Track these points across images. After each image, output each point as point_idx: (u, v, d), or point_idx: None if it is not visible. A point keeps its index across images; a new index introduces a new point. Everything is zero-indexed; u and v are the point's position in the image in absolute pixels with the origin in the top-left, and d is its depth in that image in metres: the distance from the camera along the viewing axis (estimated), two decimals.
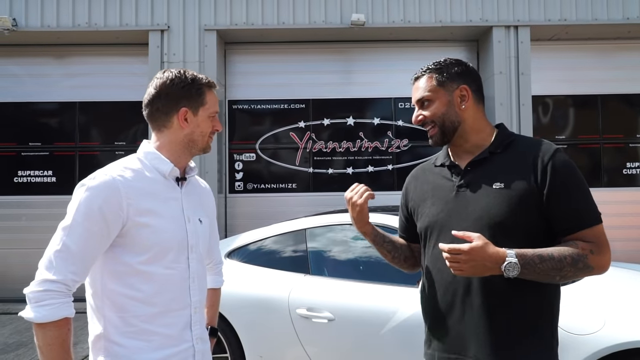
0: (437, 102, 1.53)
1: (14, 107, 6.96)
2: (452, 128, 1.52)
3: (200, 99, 1.50)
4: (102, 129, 7.00)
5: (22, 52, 6.95)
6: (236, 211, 6.92)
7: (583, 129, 7.09)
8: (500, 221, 1.39)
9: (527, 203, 1.38)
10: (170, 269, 1.43)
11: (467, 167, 1.51)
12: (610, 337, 2.36)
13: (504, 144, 1.50)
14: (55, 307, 1.28)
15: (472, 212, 1.44)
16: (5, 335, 5.14)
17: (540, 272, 1.32)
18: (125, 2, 6.53)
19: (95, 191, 1.36)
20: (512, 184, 1.41)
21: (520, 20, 6.58)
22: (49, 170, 6.91)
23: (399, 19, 6.55)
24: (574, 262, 1.33)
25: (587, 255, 1.34)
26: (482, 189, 1.45)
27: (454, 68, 1.54)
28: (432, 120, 1.53)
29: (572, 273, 1.34)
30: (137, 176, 1.43)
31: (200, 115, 1.50)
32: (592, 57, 7.09)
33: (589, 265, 1.34)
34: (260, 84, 7.01)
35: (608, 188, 6.99)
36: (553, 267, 1.32)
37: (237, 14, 6.56)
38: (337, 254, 3.28)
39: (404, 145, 6.97)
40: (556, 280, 1.35)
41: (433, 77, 1.54)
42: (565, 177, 1.40)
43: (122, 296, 1.38)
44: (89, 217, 1.34)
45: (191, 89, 1.49)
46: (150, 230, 1.39)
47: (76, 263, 1.32)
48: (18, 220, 6.80)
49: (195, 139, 1.51)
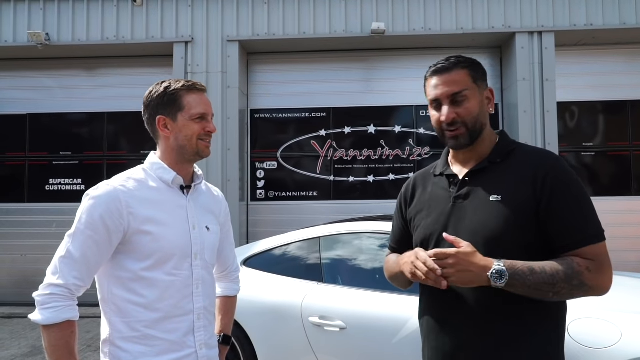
0: (473, 101, 1.39)
1: (46, 118, 7.25)
2: (479, 131, 1.41)
3: (177, 105, 1.52)
4: (129, 139, 7.22)
5: (54, 65, 7.24)
6: (258, 219, 7.00)
7: (612, 135, 6.89)
8: (496, 236, 1.31)
9: (525, 217, 1.30)
10: (172, 276, 1.46)
11: (465, 178, 1.43)
12: (627, 351, 2.29)
13: (504, 153, 1.42)
14: (59, 310, 1.34)
15: (468, 225, 1.36)
16: (34, 339, 5.32)
17: (532, 285, 1.24)
18: (152, 16, 6.74)
19: (97, 201, 1.43)
20: (510, 196, 1.33)
21: (545, 25, 6.47)
22: (78, 178, 7.15)
23: (420, 27, 6.54)
24: (568, 279, 1.24)
25: (583, 273, 1.25)
26: (479, 201, 1.37)
27: (482, 68, 1.45)
28: (464, 120, 1.39)
29: (567, 290, 1.25)
30: (139, 186, 1.49)
31: (180, 120, 1.52)
32: (621, 62, 6.90)
33: (585, 284, 1.25)
34: (281, 93, 7.10)
35: (638, 197, 6.75)
36: (545, 282, 1.23)
37: (259, 25, 6.68)
38: (351, 263, 3.28)
39: (425, 153, 6.92)
40: (550, 297, 1.27)
41: (468, 73, 1.41)
42: (565, 190, 1.31)
43: (126, 301, 1.43)
44: (91, 225, 1.40)
45: (164, 96, 1.53)
46: (151, 238, 1.44)
47: (79, 269, 1.38)
48: (49, 226, 7.05)
49: (182, 144, 1.53)
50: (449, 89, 1.39)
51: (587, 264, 1.26)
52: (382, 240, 3.23)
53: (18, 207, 7.14)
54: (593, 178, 6.85)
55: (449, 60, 1.43)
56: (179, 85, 1.54)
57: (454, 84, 1.39)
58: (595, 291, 1.28)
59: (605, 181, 6.82)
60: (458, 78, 1.39)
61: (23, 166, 7.21)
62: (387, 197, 6.89)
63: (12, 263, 7.06)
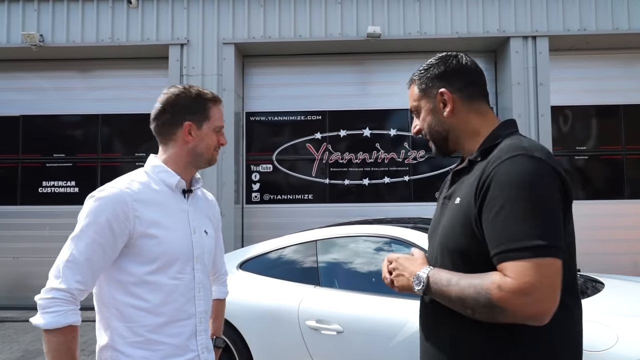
0: (423, 112, 1.39)
1: (40, 120, 7.20)
2: (440, 138, 1.37)
3: (205, 114, 1.54)
4: (123, 141, 7.18)
5: (48, 67, 7.20)
6: (253, 222, 6.98)
7: (605, 139, 6.95)
8: (451, 244, 1.23)
9: (465, 224, 1.18)
10: (176, 280, 1.46)
11: (454, 177, 1.35)
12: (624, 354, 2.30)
13: (484, 150, 1.26)
14: (61, 315, 1.32)
15: (440, 229, 1.31)
16: (26, 343, 5.26)
17: (448, 297, 1.14)
18: (147, 18, 6.72)
19: (103, 203, 1.40)
20: (464, 199, 1.21)
21: (539, 30, 6.52)
22: (72, 180, 7.11)
23: (415, 31, 6.57)
24: (476, 296, 1.08)
25: (491, 291, 1.05)
26: (450, 204, 1.30)
27: (435, 70, 1.36)
28: (425, 132, 1.40)
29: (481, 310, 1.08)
30: (144, 189, 1.47)
31: (205, 129, 1.54)
32: (614, 67, 6.97)
33: (496, 306, 1.05)
34: (277, 95, 7.10)
35: (631, 200, 6.81)
36: (456, 295, 1.12)
37: (255, 27, 6.68)
38: (347, 266, 3.27)
39: (420, 157, 6.95)
40: (468, 314, 1.11)
41: (416, 87, 1.40)
42: (495, 194, 1.11)
43: (129, 306, 1.41)
44: (96, 228, 1.38)
45: (195, 103, 1.53)
46: (156, 242, 1.43)
47: (82, 272, 1.36)
48: (42, 229, 6.99)
49: (200, 152, 1.54)
50: (410, 104, 1.44)
51: (501, 281, 1.05)
52: (378, 243, 3.24)
53: (10, 210, 7.07)
54: (586, 182, 6.90)
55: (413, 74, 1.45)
56: (209, 96, 1.57)
57: (410, 99, 1.43)
58: (517, 317, 1.05)
59: (598, 185, 6.88)
60: (411, 94, 1.43)
61: (16, 168, 7.15)
62: (382, 200, 6.91)
63: (4, 266, 6.99)
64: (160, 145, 1.58)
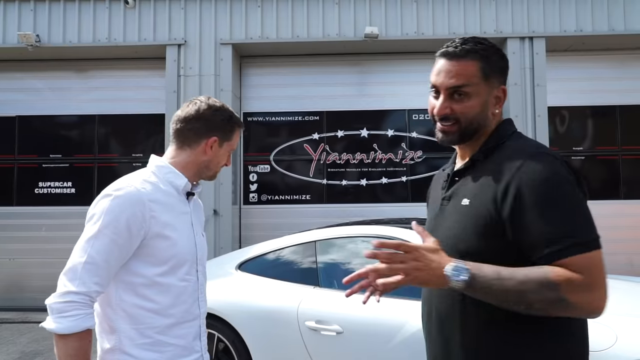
0: (475, 99, 1.22)
1: (36, 120, 7.17)
2: (471, 130, 1.24)
3: (230, 135, 1.59)
4: (120, 141, 7.15)
5: (44, 67, 7.16)
6: (250, 222, 6.97)
7: (601, 140, 6.99)
8: (461, 245, 1.18)
9: (486, 226, 1.13)
10: (184, 281, 1.47)
11: (455, 177, 1.30)
12: (623, 354, 2.31)
13: (489, 149, 1.24)
14: (80, 319, 1.29)
15: (442, 229, 1.27)
16: (23, 344, 5.24)
17: (497, 291, 1.05)
18: (144, 18, 6.70)
19: (122, 202, 1.37)
20: (478, 201, 1.17)
21: (536, 31, 6.55)
22: (68, 181, 7.08)
23: (413, 32, 6.58)
24: (539, 290, 1.03)
25: (560, 285, 1.02)
26: (454, 204, 1.25)
27: (500, 61, 1.25)
28: (457, 117, 1.23)
29: (542, 304, 1.04)
30: (156, 189, 1.46)
31: (224, 149, 1.59)
32: (611, 68, 7.00)
33: (564, 299, 1.03)
34: (274, 96, 7.09)
35: (627, 200, 6.85)
36: (512, 289, 1.04)
37: (253, 28, 6.67)
38: (347, 266, 3.27)
39: (418, 157, 6.96)
40: (521, 309, 1.07)
41: (478, 65, 1.22)
42: (536, 190, 1.09)
43: (138, 308, 1.40)
44: (115, 228, 1.35)
45: (227, 123, 1.58)
46: (170, 243, 1.43)
47: (100, 274, 1.33)
48: (38, 230, 6.96)
49: (211, 167, 1.58)
50: (450, 81, 1.22)
51: (569, 275, 1.03)
52: None
53: (6, 211, 7.02)
54: None
55: (463, 44, 1.23)
56: (238, 121, 1.63)
57: (457, 76, 1.21)
58: (582, 311, 1.06)
59: (594, 185, 6.90)
60: (465, 70, 1.21)
61: (12, 169, 7.11)
62: (379, 200, 6.91)
63: (0, 267, 6.94)
64: (172, 147, 1.56)
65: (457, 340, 1.21)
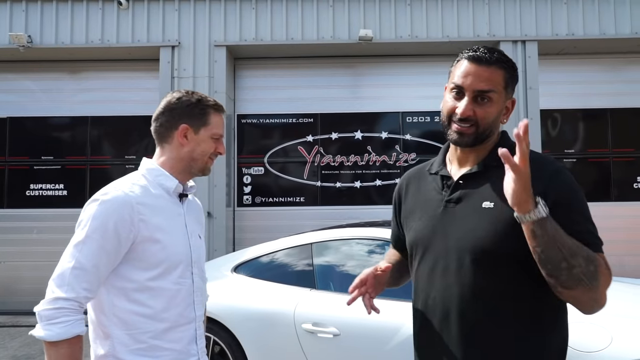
0: (495, 105, 1.28)
1: (27, 122, 7.10)
2: (486, 136, 1.31)
3: (204, 119, 1.52)
4: (113, 143, 7.11)
5: (36, 68, 7.10)
6: (244, 225, 6.95)
7: (592, 142, 7.06)
8: (485, 245, 1.23)
9: (517, 228, 1.17)
10: (178, 285, 1.45)
11: (459, 181, 1.34)
12: (618, 354, 2.33)
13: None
14: (69, 325, 1.29)
15: (455, 231, 1.29)
16: (14, 348, 5.17)
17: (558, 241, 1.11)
18: (138, 19, 6.67)
19: (109, 207, 1.37)
20: (503, 204, 1.21)
21: (528, 35, 6.60)
22: (60, 183, 7.01)
23: (407, 35, 6.61)
24: (588, 260, 1.13)
25: (601, 264, 1.15)
26: (471, 207, 1.28)
27: (516, 75, 1.32)
28: (477, 121, 1.28)
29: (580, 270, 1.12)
30: (145, 192, 1.45)
31: (202, 135, 1.52)
32: (602, 71, 7.08)
33: (597, 276, 1.13)
34: (269, 98, 7.09)
35: (618, 202, 6.92)
36: (568, 247, 1.11)
37: (247, 30, 6.66)
38: (343, 269, 3.28)
39: (411, 159, 6.98)
40: (561, 267, 1.12)
41: (503, 74, 1.28)
42: (567, 203, 1.20)
43: (131, 313, 1.39)
44: (103, 233, 1.34)
45: (195, 108, 1.52)
46: (160, 246, 1.41)
47: (89, 279, 1.32)
48: (29, 233, 6.88)
49: (195, 158, 1.52)
50: (479, 84, 1.26)
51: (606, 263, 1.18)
52: (374, 246, 3.24)
53: None
54: None
55: (491, 52, 1.28)
56: (211, 102, 1.56)
57: (485, 81, 1.26)
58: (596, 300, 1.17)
59: (586, 187, 6.96)
60: (493, 76, 1.27)
61: (3, 171, 7.03)
62: (373, 203, 6.93)
63: None
64: (157, 148, 1.57)
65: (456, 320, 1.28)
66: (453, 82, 1.31)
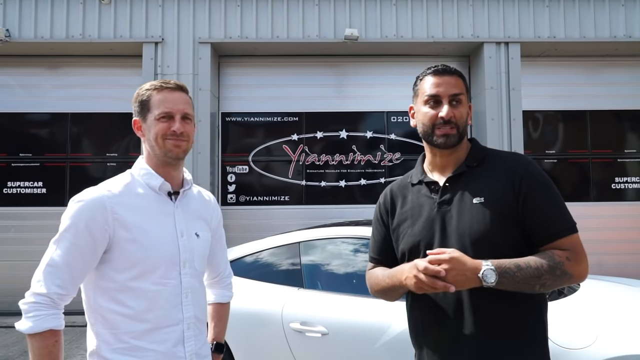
0: (464, 107, 1.51)
1: (4, 118, 6.92)
2: (464, 135, 1.52)
3: (147, 106, 1.50)
4: (94, 140, 6.97)
5: (14, 63, 6.93)
6: (228, 223, 6.86)
7: (572, 144, 7.20)
8: (483, 236, 1.38)
9: (507, 216, 1.39)
10: (159, 285, 1.42)
11: (446, 183, 1.49)
12: (602, 352, 2.38)
13: (479, 157, 1.51)
14: (40, 319, 1.32)
15: (456, 228, 1.42)
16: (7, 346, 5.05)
17: (520, 280, 1.31)
18: (120, 15, 6.56)
19: (82, 206, 1.40)
20: (492, 197, 1.41)
21: (511, 36, 6.69)
22: (39, 181, 6.85)
23: (392, 34, 6.64)
24: (552, 270, 1.33)
25: (564, 263, 1.35)
26: (463, 204, 1.44)
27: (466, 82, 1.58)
28: (457, 121, 1.48)
29: (552, 281, 1.34)
30: (126, 191, 1.45)
31: (149, 121, 1.49)
32: (581, 74, 7.23)
33: (567, 272, 1.34)
34: (253, 96, 7.04)
35: (597, 202, 7.07)
36: (531, 275, 1.31)
37: (232, 27, 6.61)
38: (331, 268, 3.27)
39: (396, 159, 7.02)
40: (537, 290, 1.34)
41: (462, 82, 1.53)
42: (540, 188, 1.42)
43: (112, 312, 1.39)
44: (75, 232, 1.37)
45: (139, 97, 1.52)
46: (137, 246, 1.40)
47: (62, 277, 1.35)
48: (6, 232, 6.72)
49: (152, 145, 1.49)
50: (452, 89, 1.48)
51: (566, 254, 1.36)
52: (361, 245, 3.24)
53: None
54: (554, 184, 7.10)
55: (447, 66, 1.54)
56: (149, 86, 1.52)
57: (454, 86, 1.49)
58: (576, 278, 1.38)
59: (565, 187, 7.10)
60: (457, 82, 1.50)
61: None
62: (358, 202, 6.94)
63: None
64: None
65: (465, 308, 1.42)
66: (427, 94, 1.50)
